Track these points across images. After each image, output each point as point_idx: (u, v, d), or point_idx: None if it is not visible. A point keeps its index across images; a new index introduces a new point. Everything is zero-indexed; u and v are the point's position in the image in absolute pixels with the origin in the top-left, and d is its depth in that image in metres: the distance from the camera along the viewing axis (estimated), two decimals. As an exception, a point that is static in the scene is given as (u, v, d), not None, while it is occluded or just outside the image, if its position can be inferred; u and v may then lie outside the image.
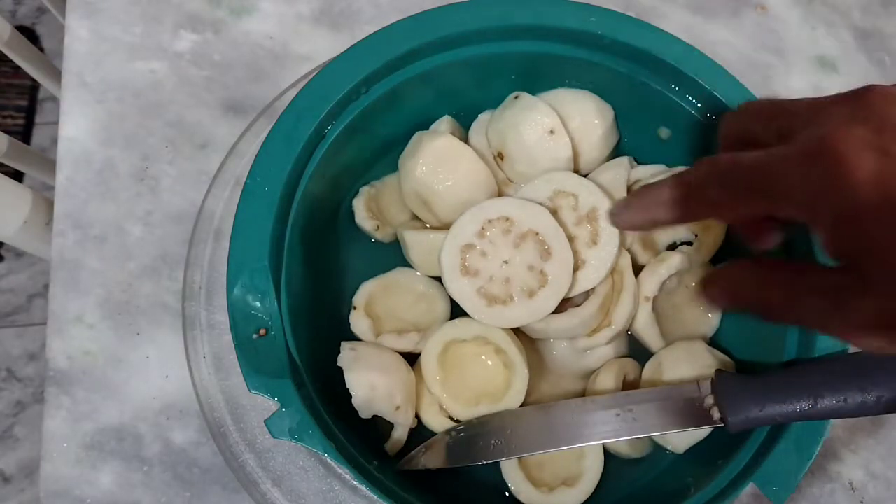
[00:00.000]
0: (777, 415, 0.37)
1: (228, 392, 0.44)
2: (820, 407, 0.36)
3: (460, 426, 0.43)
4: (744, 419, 0.38)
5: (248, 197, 0.40)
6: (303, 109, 0.42)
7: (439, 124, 0.50)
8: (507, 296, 0.32)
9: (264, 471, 0.43)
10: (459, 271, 0.33)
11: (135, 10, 0.57)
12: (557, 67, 0.48)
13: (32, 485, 1.12)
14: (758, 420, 0.38)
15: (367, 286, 0.47)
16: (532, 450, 0.41)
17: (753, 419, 0.38)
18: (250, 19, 0.58)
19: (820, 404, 0.36)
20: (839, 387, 0.36)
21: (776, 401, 0.37)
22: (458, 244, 0.33)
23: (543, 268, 0.32)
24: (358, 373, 0.41)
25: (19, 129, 1.32)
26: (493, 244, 0.33)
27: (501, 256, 0.32)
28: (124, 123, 0.53)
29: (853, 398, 0.36)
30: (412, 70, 0.45)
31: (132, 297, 0.49)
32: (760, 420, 0.38)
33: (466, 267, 0.33)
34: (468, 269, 0.33)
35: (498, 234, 0.33)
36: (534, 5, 0.45)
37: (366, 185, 0.50)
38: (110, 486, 0.45)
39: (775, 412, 0.37)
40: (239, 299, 0.38)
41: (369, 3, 0.60)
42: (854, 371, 0.37)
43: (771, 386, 0.38)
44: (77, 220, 0.50)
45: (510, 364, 0.43)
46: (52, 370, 0.47)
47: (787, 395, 0.37)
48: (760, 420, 0.38)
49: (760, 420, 0.38)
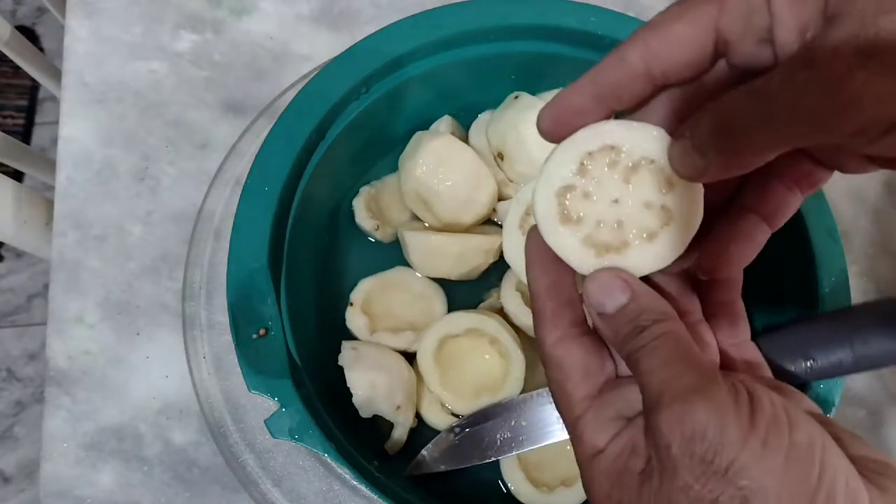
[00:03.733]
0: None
1: (228, 392, 0.44)
2: (816, 368, 0.37)
3: (463, 421, 0.43)
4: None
5: (248, 197, 0.40)
6: (303, 109, 0.42)
7: (439, 124, 0.50)
8: (621, 242, 0.26)
9: (264, 471, 0.43)
10: (558, 219, 0.26)
11: (135, 10, 0.57)
12: (557, 67, 0.48)
13: (32, 485, 1.12)
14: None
15: (365, 283, 0.47)
16: (541, 440, 0.41)
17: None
18: (250, 19, 0.58)
19: (815, 365, 0.37)
20: (828, 347, 0.37)
21: (773, 363, 0.37)
22: (553, 187, 0.27)
23: (665, 202, 0.26)
24: (359, 372, 0.41)
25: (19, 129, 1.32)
26: (598, 182, 0.26)
27: (609, 195, 0.26)
28: (124, 123, 0.53)
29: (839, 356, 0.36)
30: (412, 70, 0.45)
31: (132, 297, 0.49)
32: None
33: (567, 213, 0.26)
34: (569, 215, 0.26)
35: (602, 168, 0.26)
36: (534, 5, 0.45)
37: (366, 185, 0.50)
38: (110, 486, 0.45)
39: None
40: (239, 299, 0.38)
41: (369, 3, 0.60)
42: (842, 328, 0.37)
43: (764, 350, 0.38)
44: (77, 220, 0.50)
45: (505, 353, 0.44)
46: (52, 370, 0.47)
47: (781, 357, 0.37)
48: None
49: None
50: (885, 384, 0.54)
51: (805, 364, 0.38)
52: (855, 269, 0.57)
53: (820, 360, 0.37)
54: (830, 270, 0.42)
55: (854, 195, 0.59)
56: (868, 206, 0.59)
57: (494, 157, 0.49)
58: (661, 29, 0.24)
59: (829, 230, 0.43)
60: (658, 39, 0.24)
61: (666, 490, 0.21)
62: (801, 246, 0.43)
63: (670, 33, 0.24)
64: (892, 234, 0.58)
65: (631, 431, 0.24)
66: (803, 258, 0.43)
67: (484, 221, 0.50)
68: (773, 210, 0.27)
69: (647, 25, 0.25)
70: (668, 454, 0.21)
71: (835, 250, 0.43)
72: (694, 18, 0.24)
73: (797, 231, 0.43)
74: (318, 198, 0.46)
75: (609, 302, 0.25)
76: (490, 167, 0.48)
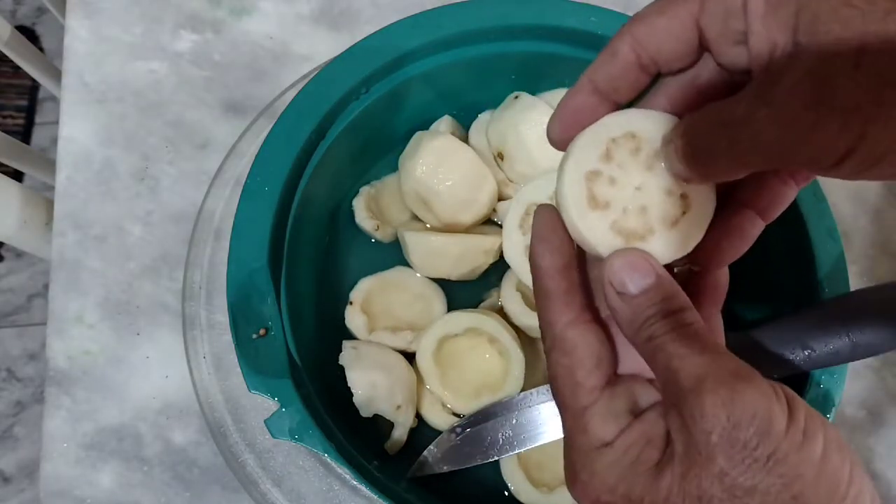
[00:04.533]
0: (773, 369, 0.37)
1: (228, 392, 0.44)
2: (814, 356, 0.37)
3: (464, 421, 0.43)
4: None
5: (248, 197, 0.40)
6: (303, 109, 0.42)
7: (439, 124, 0.50)
8: (647, 229, 0.26)
9: (264, 471, 0.43)
10: (587, 205, 0.26)
11: (135, 10, 0.57)
12: (557, 67, 0.48)
13: (32, 485, 1.12)
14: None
15: (365, 283, 0.47)
16: (543, 438, 0.41)
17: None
18: (250, 19, 0.58)
19: (812, 354, 0.37)
20: (825, 335, 0.37)
21: (772, 354, 0.37)
22: (581, 171, 0.26)
23: (684, 190, 0.26)
24: (359, 371, 0.41)
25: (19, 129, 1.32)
26: (623, 168, 0.26)
27: (633, 182, 0.26)
28: (124, 123, 0.53)
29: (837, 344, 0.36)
30: (412, 70, 0.45)
31: (132, 297, 0.49)
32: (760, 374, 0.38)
33: (595, 198, 0.26)
34: (597, 200, 0.26)
35: (626, 155, 0.26)
36: (534, 5, 0.45)
37: (366, 185, 0.50)
38: (110, 486, 0.45)
39: (770, 366, 0.37)
40: (239, 299, 0.38)
41: (369, 3, 0.60)
42: (839, 316, 0.37)
43: (763, 340, 0.38)
44: (77, 220, 0.50)
45: (505, 352, 0.44)
46: (52, 370, 0.47)
47: (780, 346, 0.37)
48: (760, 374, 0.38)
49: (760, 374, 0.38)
50: (885, 384, 0.54)
51: (804, 353, 0.38)
52: (855, 269, 0.57)
53: (818, 348, 0.37)
54: (830, 271, 0.42)
55: (854, 195, 0.59)
56: (868, 206, 0.59)
57: (494, 157, 0.49)
58: (645, 21, 0.25)
59: (829, 230, 0.43)
60: (644, 31, 0.25)
61: (695, 477, 0.21)
62: (801, 246, 0.43)
63: (655, 26, 0.25)
64: (892, 234, 0.58)
65: (642, 425, 0.23)
66: (803, 258, 0.43)
67: (484, 221, 0.50)
68: (767, 204, 0.27)
69: (634, 18, 0.25)
70: (706, 440, 0.21)
71: (835, 250, 0.43)
72: (675, 13, 0.24)
73: (797, 231, 0.43)
74: (318, 198, 0.46)
75: (633, 282, 0.24)
76: (490, 167, 0.48)
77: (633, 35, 0.25)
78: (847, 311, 0.38)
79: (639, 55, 0.25)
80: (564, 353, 0.25)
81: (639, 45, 0.25)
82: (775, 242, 0.45)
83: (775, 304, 0.45)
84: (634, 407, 0.24)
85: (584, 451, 0.24)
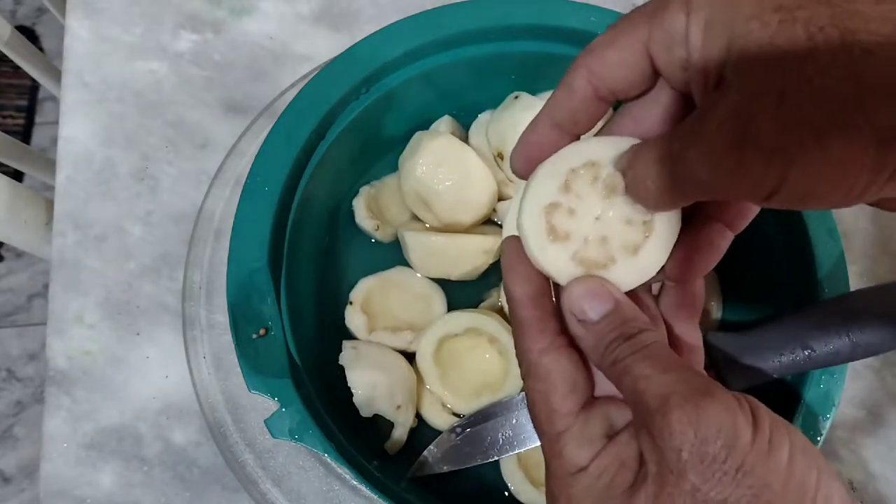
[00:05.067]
0: (773, 369, 0.38)
1: (228, 392, 0.44)
2: (814, 356, 0.37)
3: (464, 421, 0.43)
4: (741, 379, 0.38)
5: (248, 197, 0.40)
6: (303, 109, 0.42)
7: (439, 124, 0.50)
8: (608, 258, 0.26)
9: (264, 471, 0.43)
10: (547, 237, 0.26)
11: (135, 10, 0.57)
12: (557, 67, 0.47)
13: (32, 485, 1.12)
14: (758, 375, 0.38)
15: (365, 282, 0.47)
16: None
17: (751, 376, 0.38)
18: (250, 19, 0.58)
19: (812, 354, 0.37)
20: (825, 335, 0.37)
21: (772, 354, 0.37)
22: (540, 204, 0.27)
23: (645, 217, 0.26)
24: (359, 371, 0.41)
25: (19, 129, 1.32)
26: (582, 199, 0.26)
27: (593, 212, 0.26)
28: (124, 123, 0.53)
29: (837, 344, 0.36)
30: (412, 70, 0.45)
31: (132, 297, 0.49)
32: (761, 374, 0.38)
33: (555, 230, 0.26)
34: (557, 232, 0.26)
35: (586, 185, 0.26)
36: (534, 5, 0.45)
37: (366, 185, 0.50)
38: (110, 486, 0.45)
39: (771, 366, 0.37)
40: (239, 299, 0.38)
41: (369, 3, 0.60)
42: (838, 316, 0.37)
43: (763, 340, 0.38)
44: (77, 220, 0.50)
45: (505, 352, 0.44)
46: (52, 370, 0.47)
47: (780, 346, 0.37)
48: (761, 374, 0.38)
49: (761, 374, 0.38)
50: (885, 384, 0.54)
51: (804, 353, 0.38)
52: (855, 269, 0.57)
53: (818, 348, 0.37)
54: (830, 271, 0.42)
55: (854, 195, 0.59)
56: (868, 206, 0.59)
57: (494, 157, 0.49)
58: (597, 53, 0.25)
59: (829, 230, 0.43)
60: (598, 63, 0.25)
61: (668, 496, 0.21)
62: (801, 246, 0.43)
63: (607, 57, 0.25)
64: (892, 234, 0.58)
65: (616, 448, 0.24)
66: (803, 258, 0.43)
67: (484, 221, 0.50)
68: (734, 216, 0.27)
69: (586, 51, 0.25)
70: (676, 457, 0.21)
71: (835, 250, 0.43)
72: (626, 43, 0.24)
73: (797, 231, 0.43)
74: (318, 198, 0.46)
75: (593, 309, 0.25)
76: (490, 167, 0.48)
77: (588, 68, 0.25)
78: (847, 311, 0.38)
79: (595, 87, 0.25)
80: (539, 379, 0.26)
81: (595, 78, 0.25)
82: (775, 243, 0.45)
83: (775, 304, 0.45)
84: (610, 429, 0.25)
85: (560, 476, 0.24)
